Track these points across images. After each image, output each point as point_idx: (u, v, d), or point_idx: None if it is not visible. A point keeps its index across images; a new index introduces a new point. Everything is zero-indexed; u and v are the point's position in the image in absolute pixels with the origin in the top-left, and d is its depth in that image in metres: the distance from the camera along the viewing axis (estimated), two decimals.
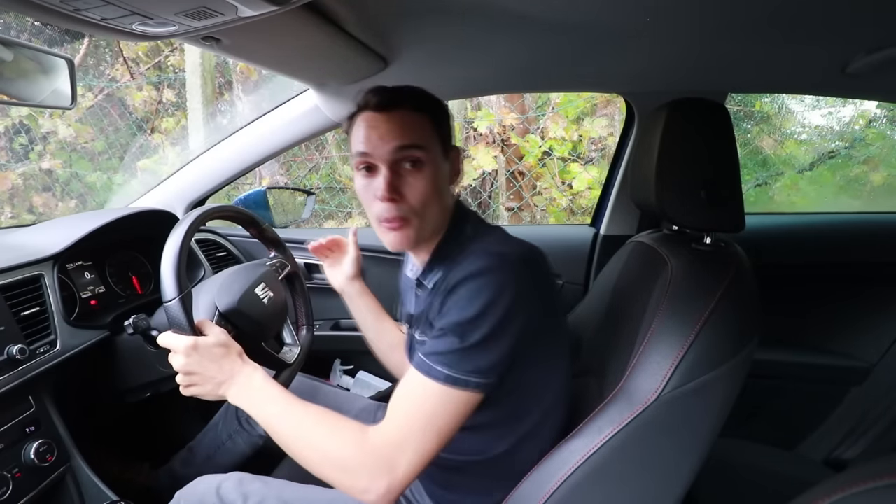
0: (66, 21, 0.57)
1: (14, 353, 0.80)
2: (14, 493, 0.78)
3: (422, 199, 0.73)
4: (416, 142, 0.72)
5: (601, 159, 2.90)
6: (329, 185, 3.23)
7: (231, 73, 3.19)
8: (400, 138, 0.72)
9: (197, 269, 1.27)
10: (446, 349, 0.66)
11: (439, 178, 0.75)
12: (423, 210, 0.74)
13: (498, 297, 0.65)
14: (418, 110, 0.74)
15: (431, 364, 0.66)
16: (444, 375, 0.65)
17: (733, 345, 0.70)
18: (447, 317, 0.68)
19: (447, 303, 0.69)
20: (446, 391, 0.65)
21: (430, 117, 0.75)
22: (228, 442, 1.18)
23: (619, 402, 0.71)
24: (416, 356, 0.69)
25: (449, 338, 0.66)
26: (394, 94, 0.74)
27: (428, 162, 0.73)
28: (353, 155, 0.77)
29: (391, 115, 0.73)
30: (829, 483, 0.35)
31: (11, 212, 3.18)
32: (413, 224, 0.74)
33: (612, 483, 0.72)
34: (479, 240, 0.75)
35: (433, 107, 0.77)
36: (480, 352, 0.65)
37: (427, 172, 0.73)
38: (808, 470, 1.35)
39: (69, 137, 3.14)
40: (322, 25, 0.80)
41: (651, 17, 0.81)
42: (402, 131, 0.72)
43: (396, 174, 0.72)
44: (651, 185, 0.80)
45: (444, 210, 0.77)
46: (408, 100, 0.74)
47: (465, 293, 0.67)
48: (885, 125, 2.91)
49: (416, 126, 0.73)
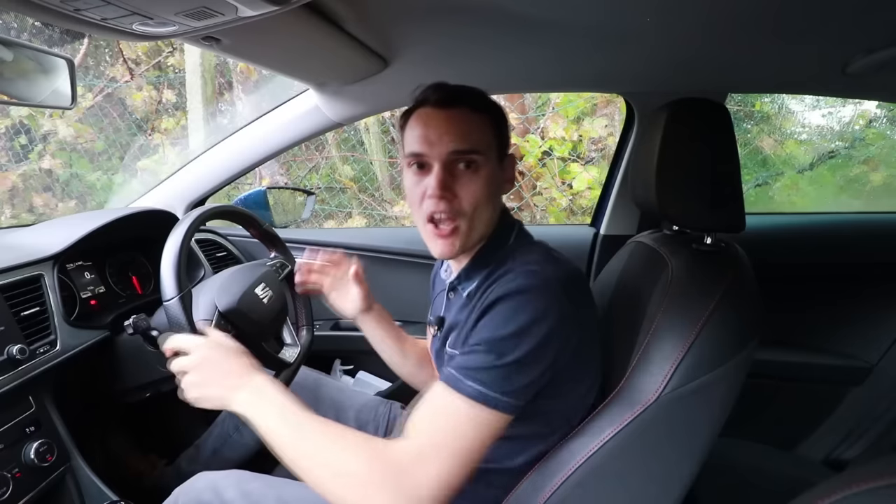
0: (66, 21, 0.57)
1: (14, 353, 0.80)
2: (14, 493, 0.78)
3: (474, 201, 0.70)
4: (474, 146, 0.70)
5: (601, 159, 2.90)
6: (329, 185, 3.23)
7: (231, 73, 3.19)
8: (458, 140, 0.69)
9: (197, 269, 1.27)
10: (480, 365, 0.62)
11: (493, 183, 0.72)
12: (472, 213, 0.71)
13: (538, 319, 0.62)
14: (479, 111, 0.72)
15: (462, 378, 0.62)
16: (475, 392, 0.61)
17: (734, 345, 0.70)
18: (482, 332, 0.64)
19: (483, 319, 0.65)
20: (475, 408, 0.61)
21: (491, 119, 0.73)
22: (235, 434, 1.18)
23: (620, 402, 0.70)
24: (444, 369, 0.66)
25: (483, 354, 0.62)
26: (455, 92, 0.72)
27: (484, 165, 0.71)
28: (404, 153, 0.74)
29: (451, 114, 0.70)
30: (829, 483, 0.35)
31: (11, 212, 3.18)
32: (461, 230, 0.71)
33: (613, 483, 0.72)
34: (521, 254, 0.72)
35: (494, 109, 0.75)
36: (516, 372, 0.62)
37: (482, 175, 0.71)
38: (808, 470, 1.35)
39: (69, 137, 3.14)
40: (322, 25, 0.80)
41: (651, 17, 0.81)
42: (462, 132, 0.70)
43: (450, 173, 0.70)
44: (651, 185, 0.80)
45: (492, 217, 0.75)
46: (469, 99, 0.72)
47: (504, 311, 0.63)
48: (885, 125, 2.91)
49: (475, 127, 0.71)
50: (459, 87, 0.73)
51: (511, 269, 0.68)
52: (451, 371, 0.64)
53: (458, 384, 0.62)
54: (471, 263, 0.76)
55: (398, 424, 1.05)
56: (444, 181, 0.69)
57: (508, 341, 0.62)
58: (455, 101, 0.71)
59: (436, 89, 0.72)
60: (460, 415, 0.61)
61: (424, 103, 0.73)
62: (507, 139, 0.77)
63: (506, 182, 0.77)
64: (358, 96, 1.19)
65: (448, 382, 0.63)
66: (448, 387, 0.62)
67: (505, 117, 0.77)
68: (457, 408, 0.61)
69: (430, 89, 0.73)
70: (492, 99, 0.75)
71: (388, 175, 3.22)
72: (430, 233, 0.72)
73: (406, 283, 1.49)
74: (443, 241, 0.72)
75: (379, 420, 1.08)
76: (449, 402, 0.62)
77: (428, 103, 0.72)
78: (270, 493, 0.81)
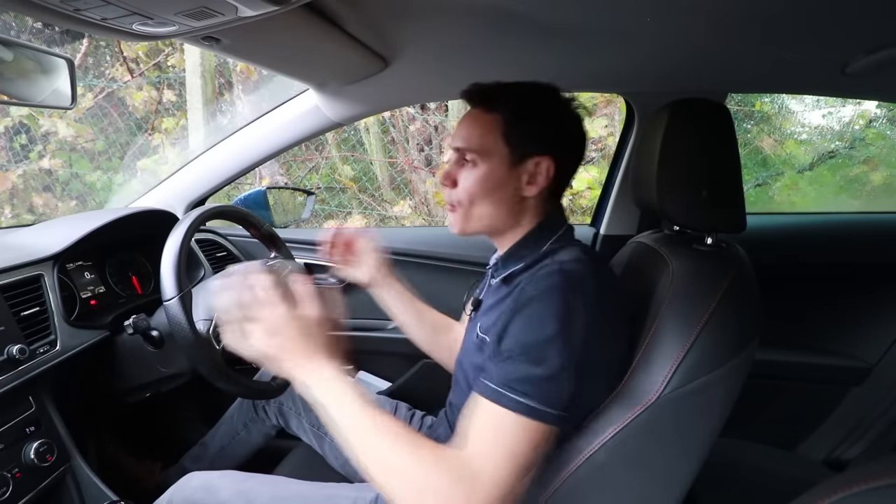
0: (66, 21, 0.57)
1: (14, 353, 0.80)
2: (14, 493, 0.78)
3: (467, 193, 0.76)
4: (471, 146, 0.76)
5: (601, 159, 2.90)
6: (329, 185, 3.23)
7: (231, 73, 3.18)
8: (460, 139, 0.77)
9: (197, 269, 1.27)
10: (521, 375, 0.61)
11: (492, 180, 0.75)
12: (468, 203, 0.77)
13: (571, 320, 0.61)
14: (491, 112, 0.76)
15: (505, 392, 0.60)
16: (521, 406, 0.59)
17: (734, 345, 0.70)
18: (517, 335, 0.63)
19: (517, 319, 0.64)
20: (526, 423, 0.59)
21: (503, 121, 0.75)
22: (243, 432, 1.18)
23: (620, 401, 0.70)
24: (481, 382, 0.64)
25: (520, 362, 0.61)
26: (475, 92, 0.78)
27: (481, 164, 0.75)
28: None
29: (468, 113, 0.78)
30: (829, 483, 0.35)
31: (11, 212, 3.18)
32: (459, 211, 0.78)
33: (613, 483, 0.72)
34: (558, 253, 0.73)
35: (512, 104, 0.75)
36: (557, 380, 0.60)
37: (478, 172, 0.76)
38: (808, 470, 1.34)
39: (69, 137, 3.14)
40: (322, 25, 0.80)
41: (651, 17, 0.81)
42: (465, 132, 0.77)
43: (459, 165, 0.78)
44: (652, 185, 0.80)
45: (501, 210, 0.77)
46: (483, 100, 0.77)
47: (537, 311, 0.63)
48: (885, 125, 2.91)
49: (478, 129, 0.76)
50: (491, 86, 0.77)
51: (546, 265, 0.71)
52: (489, 384, 0.62)
53: (502, 399, 0.60)
54: (507, 253, 0.80)
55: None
56: (449, 171, 0.79)
57: (544, 348, 0.61)
58: (472, 100, 0.78)
59: (469, 88, 0.78)
60: (510, 429, 0.60)
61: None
62: (529, 140, 0.75)
63: (527, 184, 0.76)
64: (358, 96, 1.19)
65: (492, 398, 0.61)
66: (490, 402, 0.61)
67: (532, 117, 0.75)
68: (506, 423, 0.60)
69: (468, 88, 0.79)
70: (514, 93, 0.76)
71: (388, 175, 3.22)
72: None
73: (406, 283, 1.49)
74: (450, 214, 0.80)
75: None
76: (496, 418, 0.60)
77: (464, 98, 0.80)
78: (265, 492, 0.81)
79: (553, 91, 0.77)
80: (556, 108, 0.77)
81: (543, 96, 0.77)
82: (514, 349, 0.63)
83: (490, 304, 0.80)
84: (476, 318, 0.85)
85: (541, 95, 0.77)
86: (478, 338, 0.78)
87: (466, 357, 0.83)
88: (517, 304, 0.66)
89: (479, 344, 0.77)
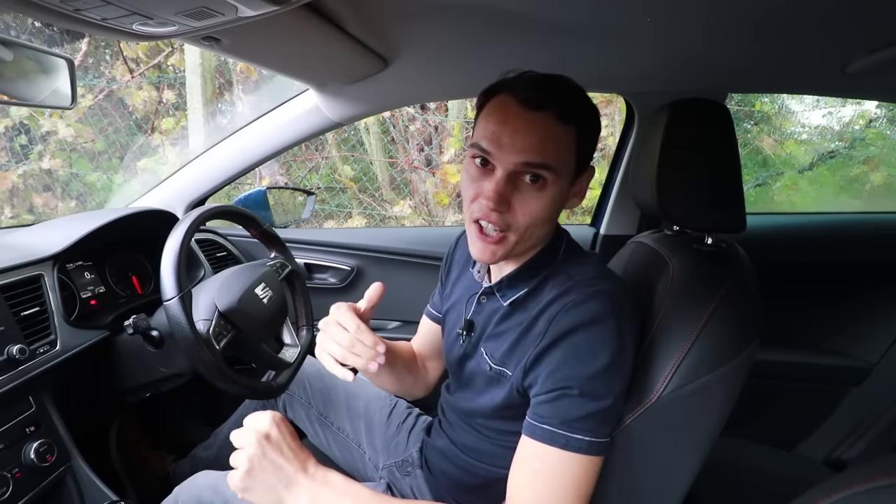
0: (66, 21, 0.56)
1: (14, 353, 0.80)
2: (14, 493, 0.78)
3: (530, 219, 0.63)
4: (547, 162, 0.61)
5: (601, 159, 2.89)
6: (329, 185, 3.23)
7: (231, 73, 3.18)
8: (530, 152, 0.60)
9: (197, 269, 1.27)
10: (581, 413, 0.58)
11: (557, 202, 0.65)
12: (525, 229, 0.64)
13: (623, 347, 0.60)
14: (566, 121, 0.62)
15: (567, 433, 0.58)
16: (584, 444, 0.57)
17: (734, 345, 0.70)
18: (566, 370, 0.59)
19: (554, 353, 0.60)
20: (589, 460, 0.57)
21: (577, 131, 0.63)
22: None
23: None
24: (533, 425, 0.61)
25: (577, 398, 0.59)
26: (546, 91, 0.62)
27: (552, 183, 0.62)
28: (472, 139, 0.66)
29: (533, 118, 0.61)
30: (829, 483, 0.35)
31: (11, 212, 3.18)
32: (509, 241, 0.64)
33: (613, 483, 0.71)
34: (576, 270, 0.68)
35: (585, 118, 0.65)
36: (613, 409, 0.59)
37: (548, 193, 0.63)
38: (808, 470, 1.35)
39: (69, 137, 3.14)
40: (322, 25, 0.80)
41: (651, 17, 0.81)
42: (537, 143, 0.60)
43: (512, 184, 0.62)
44: (652, 185, 0.80)
45: (548, 232, 0.70)
46: (559, 103, 0.61)
47: (586, 343, 0.59)
48: (885, 125, 2.92)
49: (554, 140, 0.62)
50: (554, 82, 0.63)
51: (572, 287, 0.64)
52: (550, 428, 0.59)
53: (563, 441, 0.58)
54: (517, 272, 0.71)
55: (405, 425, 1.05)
56: (503, 193, 0.61)
57: (601, 380, 0.59)
58: (542, 103, 0.61)
59: (526, 81, 0.63)
60: (577, 471, 0.58)
61: (509, 91, 0.63)
62: (591, 152, 0.67)
63: (574, 196, 0.69)
64: (358, 96, 1.19)
65: (550, 441, 0.59)
66: (551, 445, 0.58)
67: (595, 127, 0.67)
68: (573, 466, 0.58)
69: (520, 79, 0.63)
70: (586, 104, 0.66)
71: (388, 175, 3.22)
72: (475, 234, 0.65)
73: (406, 283, 1.49)
74: (485, 245, 0.65)
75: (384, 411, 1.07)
76: (562, 460, 0.58)
77: (512, 94, 0.62)
78: None
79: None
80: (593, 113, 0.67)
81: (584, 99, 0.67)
82: (567, 385, 0.59)
83: (495, 330, 0.73)
84: (471, 340, 0.77)
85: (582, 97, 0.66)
86: (491, 370, 0.72)
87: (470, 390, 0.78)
88: (554, 335, 0.62)
89: (493, 377, 0.72)
